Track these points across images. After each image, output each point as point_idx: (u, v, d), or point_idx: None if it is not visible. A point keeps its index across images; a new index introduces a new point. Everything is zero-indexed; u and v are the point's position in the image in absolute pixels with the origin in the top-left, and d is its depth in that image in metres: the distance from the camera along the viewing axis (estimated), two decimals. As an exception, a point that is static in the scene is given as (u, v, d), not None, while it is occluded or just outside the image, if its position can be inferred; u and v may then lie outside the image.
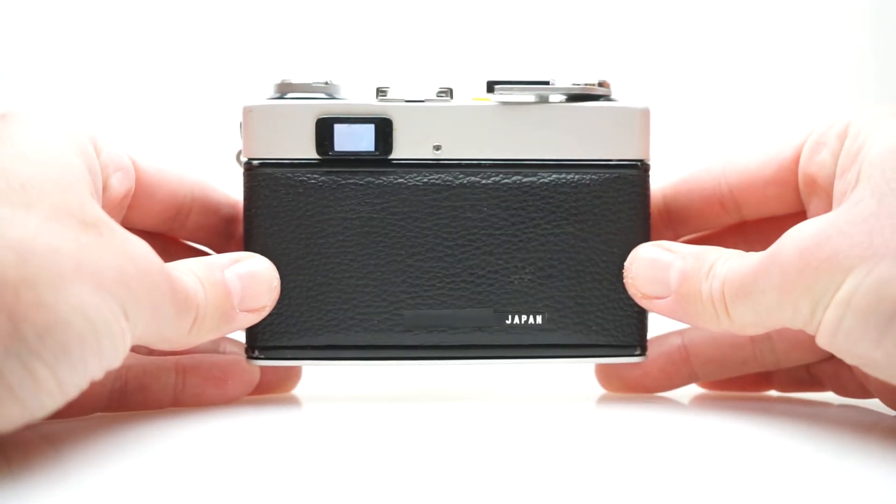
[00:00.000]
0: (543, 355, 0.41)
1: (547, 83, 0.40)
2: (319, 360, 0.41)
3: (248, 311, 0.39)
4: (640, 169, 0.41)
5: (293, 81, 0.40)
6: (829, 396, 0.45)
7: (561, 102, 0.41)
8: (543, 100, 0.41)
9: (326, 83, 0.41)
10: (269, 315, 0.40)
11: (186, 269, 0.37)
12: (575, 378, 0.46)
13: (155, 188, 0.41)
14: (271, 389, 0.44)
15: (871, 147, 0.35)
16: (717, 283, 0.37)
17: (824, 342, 0.34)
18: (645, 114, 0.41)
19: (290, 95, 0.40)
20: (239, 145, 0.41)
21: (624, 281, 0.40)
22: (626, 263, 0.40)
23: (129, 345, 0.33)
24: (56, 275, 0.30)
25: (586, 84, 0.41)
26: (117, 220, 0.36)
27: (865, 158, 0.35)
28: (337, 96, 0.41)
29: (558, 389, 0.48)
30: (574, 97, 0.41)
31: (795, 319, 0.35)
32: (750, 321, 0.36)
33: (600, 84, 0.41)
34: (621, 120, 0.41)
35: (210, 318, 0.37)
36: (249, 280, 0.39)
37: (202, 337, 0.37)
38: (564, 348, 0.41)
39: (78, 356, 0.30)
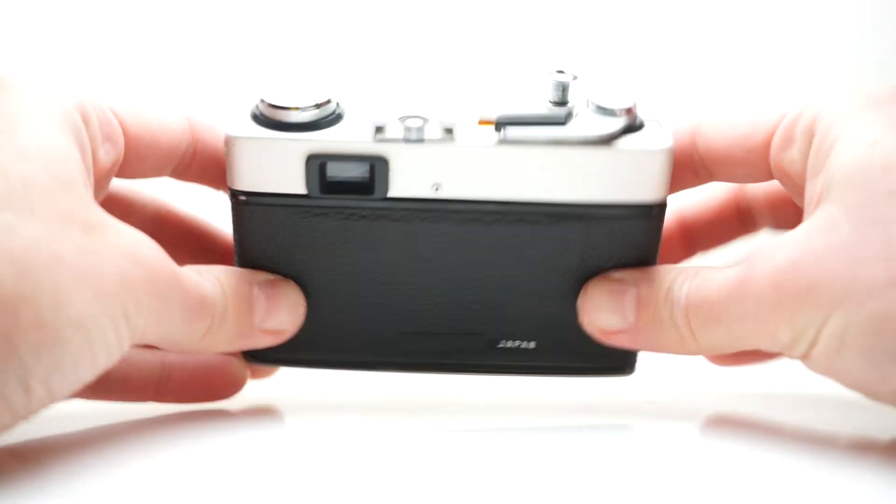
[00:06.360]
0: (533, 373, 0.41)
1: (561, 122, 0.36)
2: (311, 367, 0.41)
3: (267, 331, 0.38)
4: (655, 210, 0.37)
5: (280, 105, 0.36)
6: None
7: (575, 144, 0.36)
8: (555, 142, 0.36)
9: (317, 105, 0.36)
10: None
11: (212, 277, 0.36)
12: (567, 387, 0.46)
13: (145, 149, 0.38)
14: (253, 375, 0.43)
15: (840, 152, 0.34)
16: (679, 308, 0.36)
17: (817, 370, 0.34)
18: (669, 154, 0.36)
19: (276, 120, 0.36)
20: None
21: (580, 320, 0.39)
22: (578, 302, 0.38)
23: (126, 348, 0.32)
24: (56, 288, 0.30)
25: (608, 108, 0.36)
26: (104, 190, 0.36)
27: (835, 166, 0.33)
28: (331, 119, 0.36)
29: (550, 397, 0.48)
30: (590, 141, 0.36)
31: (773, 345, 0.34)
32: (719, 346, 0.36)
33: (627, 111, 0.36)
34: (641, 164, 0.36)
35: (227, 330, 0.36)
36: (275, 300, 0.38)
37: (217, 346, 0.37)
38: (554, 369, 0.41)
39: (71, 370, 0.30)
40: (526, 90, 0.37)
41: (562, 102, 0.37)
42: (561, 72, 0.37)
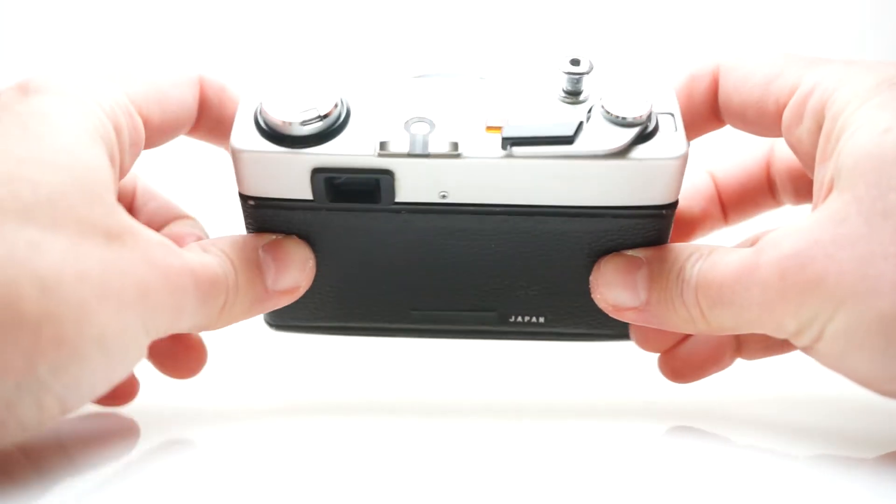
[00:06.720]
0: (543, 339, 0.42)
1: (569, 139, 0.34)
2: (331, 333, 0.42)
3: (282, 291, 0.37)
4: (667, 209, 0.37)
5: (282, 119, 0.35)
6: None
7: (584, 159, 0.35)
8: (563, 157, 0.35)
9: (320, 117, 0.35)
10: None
11: (218, 251, 0.36)
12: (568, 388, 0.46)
13: (163, 132, 0.37)
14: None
15: (850, 138, 0.33)
16: (690, 288, 0.35)
17: (823, 364, 0.34)
18: (681, 161, 0.35)
19: (279, 132, 0.35)
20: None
21: (592, 295, 0.38)
22: (591, 278, 0.38)
23: (143, 356, 0.32)
24: (80, 305, 0.29)
25: (620, 118, 0.35)
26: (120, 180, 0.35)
27: (845, 153, 0.33)
28: (335, 128, 0.35)
29: (552, 398, 0.48)
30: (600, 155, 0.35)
31: (779, 333, 0.34)
32: (729, 328, 0.35)
33: (640, 118, 0.35)
34: (654, 174, 0.35)
35: (243, 301, 0.36)
36: (283, 260, 0.37)
37: (234, 318, 0.36)
38: (564, 336, 0.42)
39: (88, 385, 0.30)
40: (538, 82, 0.37)
41: (575, 93, 0.36)
42: (575, 62, 0.36)
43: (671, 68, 0.40)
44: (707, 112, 0.39)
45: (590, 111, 0.36)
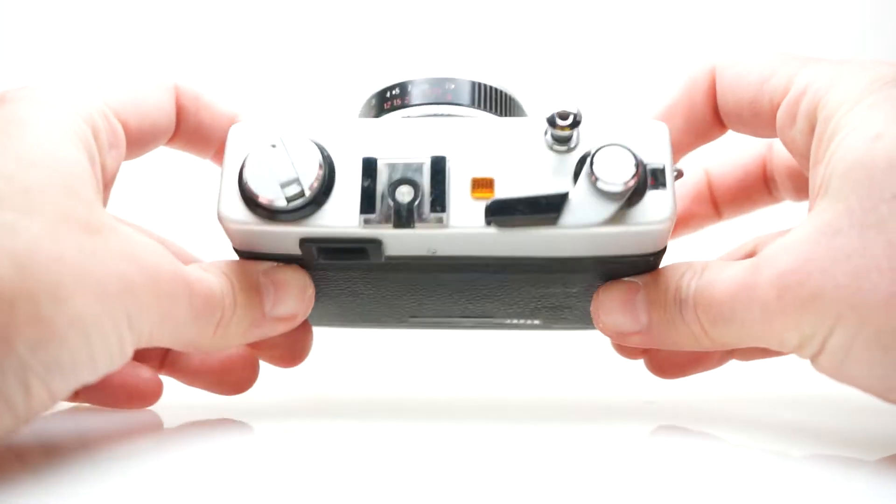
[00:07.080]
0: (538, 329, 0.44)
1: (553, 218, 0.34)
2: (336, 326, 0.44)
3: (279, 318, 0.38)
4: (655, 257, 0.37)
5: (265, 198, 0.34)
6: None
7: (571, 229, 0.34)
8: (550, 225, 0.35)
9: (301, 192, 0.34)
10: None
11: (217, 270, 0.36)
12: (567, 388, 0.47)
13: (143, 139, 0.38)
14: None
15: (840, 144, 0.33)
16: (689, 307, 0.36)
17: (827, 375, 0.34)
18: (670, 221, 0.34)
19: (264, 207, 0.35)
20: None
21: (595, 325, 0.38)
22: (591, 308, 0.38)
23: (129, 352, 0.32)
24: (57, 286, 0.30)
25: (607, 191, 0.34)
26: (109, 191, 0.36)
27: (836, 159, 0.33)
28: (320, 195, 0.35)
29: (551, 398, 0.48)
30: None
31: (782, 348, 0.34)
32: (733, 342, 0.36)
33: (628, 184, 0.33)
34: (640, 236, 0.35)
35: (239, 322, 0.36)
36: (282, 287, 0.37)
37: (230, 340, 0.36)
38: (558, 327, 0.44)
39: (69, 368, 0.30)
40: (527, 124, 0.36)
41: (564, 140, 0.35)
42: (564, 115, 0.35)
43: (670, 73, 0.40)
44: (710, 116, 0.39)
45: (578, 166, 0.35)
